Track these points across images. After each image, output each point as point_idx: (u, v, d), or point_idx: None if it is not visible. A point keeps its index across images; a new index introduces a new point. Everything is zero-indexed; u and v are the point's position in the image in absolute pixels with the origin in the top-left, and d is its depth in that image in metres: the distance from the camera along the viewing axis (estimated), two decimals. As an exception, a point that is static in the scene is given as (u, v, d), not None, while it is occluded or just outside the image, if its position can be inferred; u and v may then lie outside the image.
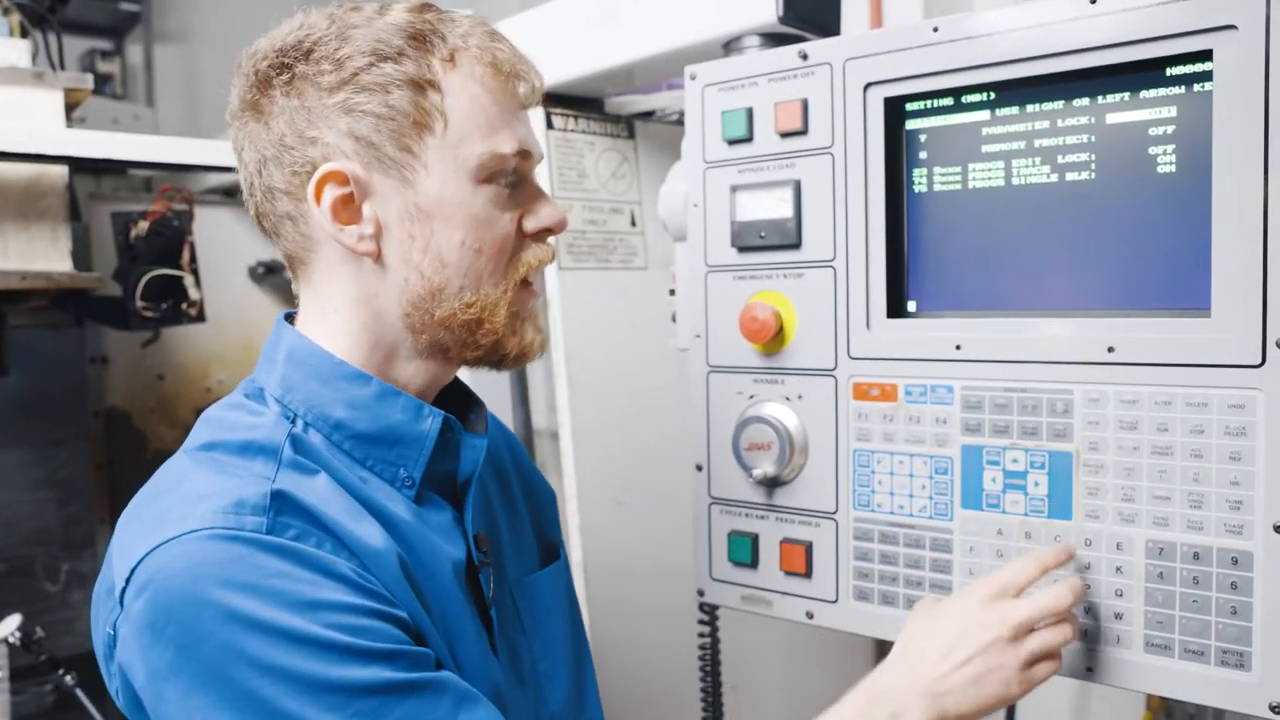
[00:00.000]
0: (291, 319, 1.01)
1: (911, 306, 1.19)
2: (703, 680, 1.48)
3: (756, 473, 1.25)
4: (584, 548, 1.63)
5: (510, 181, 0.96)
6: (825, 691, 0.99)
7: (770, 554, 1.28)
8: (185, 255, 2.10)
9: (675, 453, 1.62)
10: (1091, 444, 1.05)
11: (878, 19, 1.97)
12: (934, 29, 1.11)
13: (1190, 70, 1.00)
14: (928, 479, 1.16)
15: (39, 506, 2.42)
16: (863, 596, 1.21)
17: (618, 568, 1.66)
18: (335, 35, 0.91)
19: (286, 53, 0.92)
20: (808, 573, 1.25)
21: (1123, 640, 1.04)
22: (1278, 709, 0.96)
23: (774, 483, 1.26)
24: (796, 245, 1.23)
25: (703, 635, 1.46)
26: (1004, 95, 1.11)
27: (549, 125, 1.66)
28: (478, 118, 0.93)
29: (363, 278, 0.95)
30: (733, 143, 1.27)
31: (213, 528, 0.82)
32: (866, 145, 1.17)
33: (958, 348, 1.13)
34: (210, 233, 2.36)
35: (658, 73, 1.58)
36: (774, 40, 1.32)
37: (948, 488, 1.14)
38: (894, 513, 1.18)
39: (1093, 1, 1.01)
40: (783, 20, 1.29)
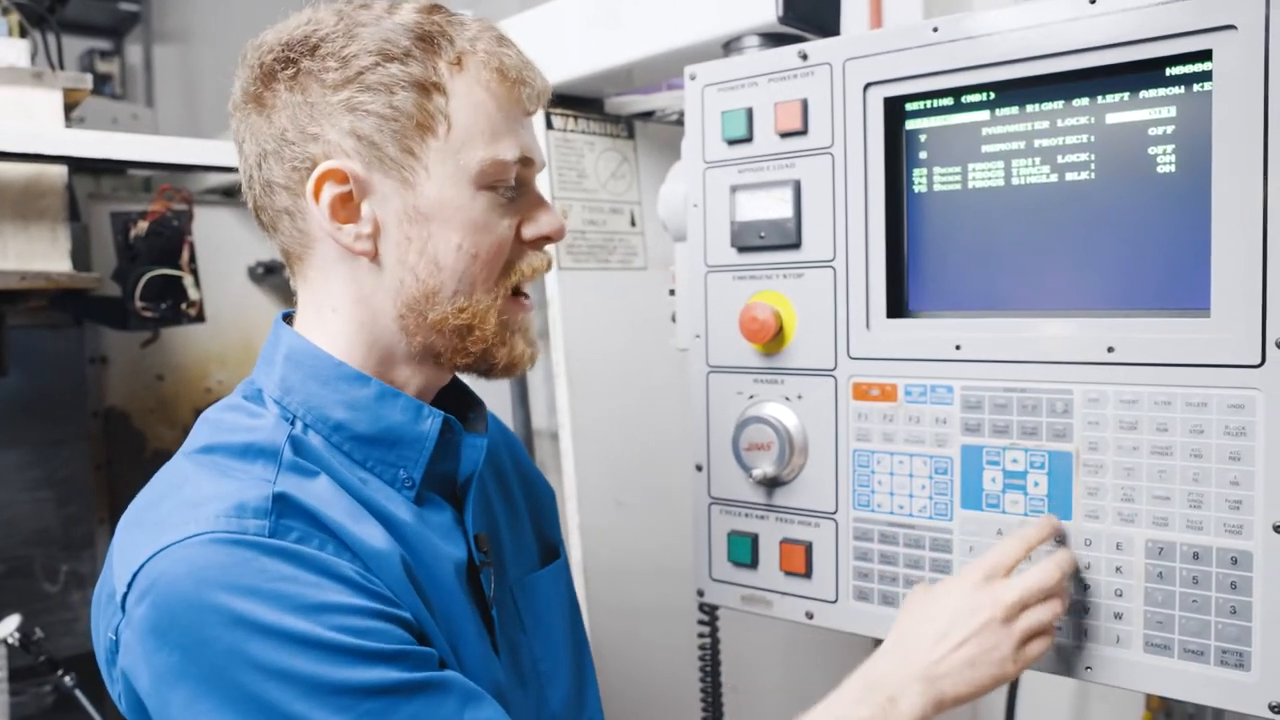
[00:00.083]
0: (289, 319, 1.01)
1: (911, 306, 1.19)
2: (702, 680, 1.48)
3: (756, 473, 1.25)
4: (584, 548, 1.63)
5: (511, 188, 0.95)
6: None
7: (770, 554, 1.28)
8: (184, 255, 2.10)
9: (675, 453, 1.62)
10: (1091, 444, 1.05)
11: (877, 19, 1.97)
12: (934, 29, 1.11)
13: (1190, 70, 1.00)
14: (927, 479, 1.16)
15: (38, 507, 2.42)
16: (862, 597, 1.21)
17: (617, 568, 1.66)
18: (343, 32, 0.91)
19: (293, 47, 0.91)
20: (807, 573, 1.25)
21: (1122, 640, 1.04)
22: (1277, 709, 0.96)
23: (774, 483, 1.26)
24: (796, 245, 1.23)
25: (702, 635, 1.46)
26: (1004, 95, 1.11)
27: (549, 125, 1.66)
28: (481, 123, 0.92)
29: (359, 277, 0.94)
30: (732, 143, 1.27)
31: (215, 531, 0.81)
32: (866, 145, 1.17)
33: (957, 348, 1.13)
34: (210, 233, 2.35)
35: (657, 73, 1.58)
36: (774, 40, 1.32)
37: (947, 488, 1.14)
38: (894, 513, 1.18)
39: (1092, 1, 1.01)
40: (782, 20, 1.29)
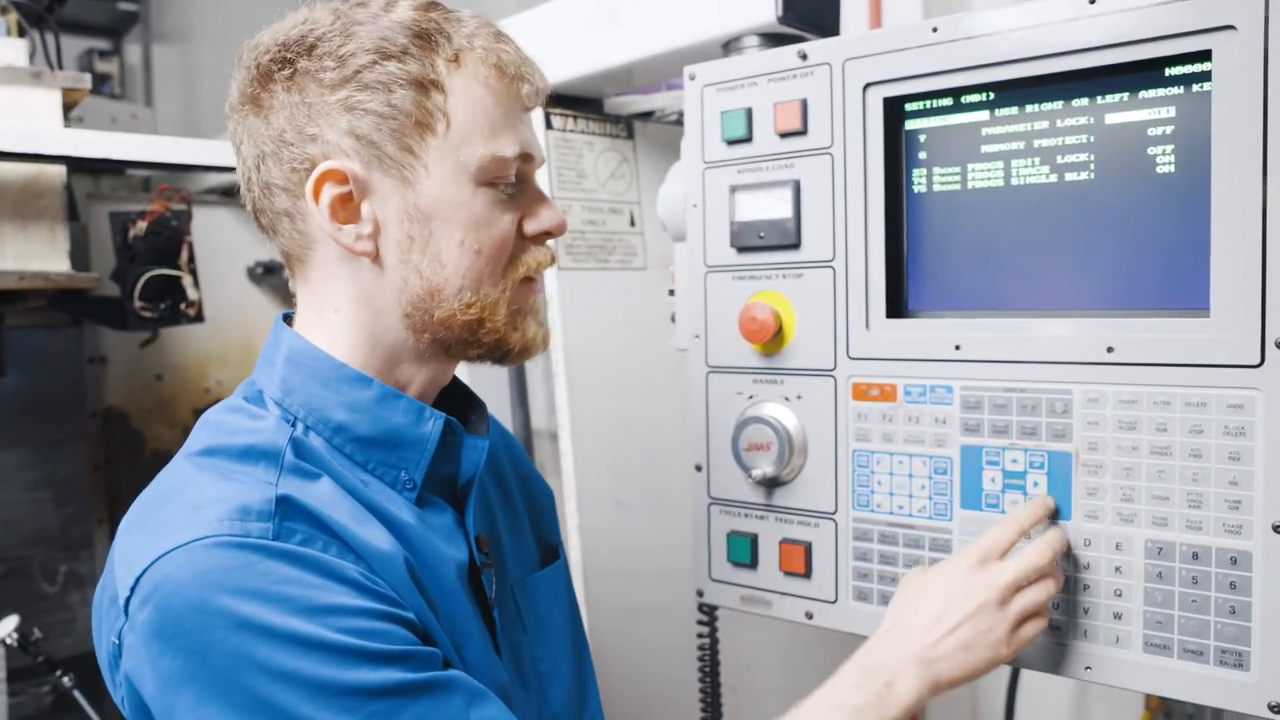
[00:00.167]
0: (289, 319, 1.00)
1: (911, 307, 1.19)
2: (702, 681, 1.48)
3: (756, 473, 1.25)
4: (583, 548, 1.63)
5: (511, 184, 0.95)
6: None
7: (769, 554, 1.28)
8: (184, 255, 2.10)
9: (674, 453, 1.62)
10: (1091, 444, 1.05)
11: (877, 19, 1.97)
12: (933, 29, 1.11)
13: (1189, 70, 1.00)
14: (927, 479, 1.16)
15: (37, 507, 2.42)
16: (862, 597, 1.21)
17: (617, 568, 1.66)
18: (339, 31, 0.90)
19: (289, 47, 0.91)
20: (807, 573, 1.25)
21: (1122, 640, 1.04)
22: (1277, 708, 0.96)
23: (773, 483, 1.26)
24: (796, 245, 1.23)
25: (702, 636, 1.45)
26: (1003, 95, 1.11)
27: (548, 125, 1.66)
28: (480, 120, 0.92)
29: (361, 277, 0.94)
30: (732, 143, 1.27)
31: (218, 535, 0.81)
32: (866, 145, 1.17)
33: (957, 348, 1.13)
34: (209, 233, 2.35)
35: (657, 73, 1.58)
36: (773, 40, 1.32)
37: (947, 488, 1.14)
38: (893, 513, 1.18)
39: (1092, 2, 1.01)
40: (782, 20, 1.29)
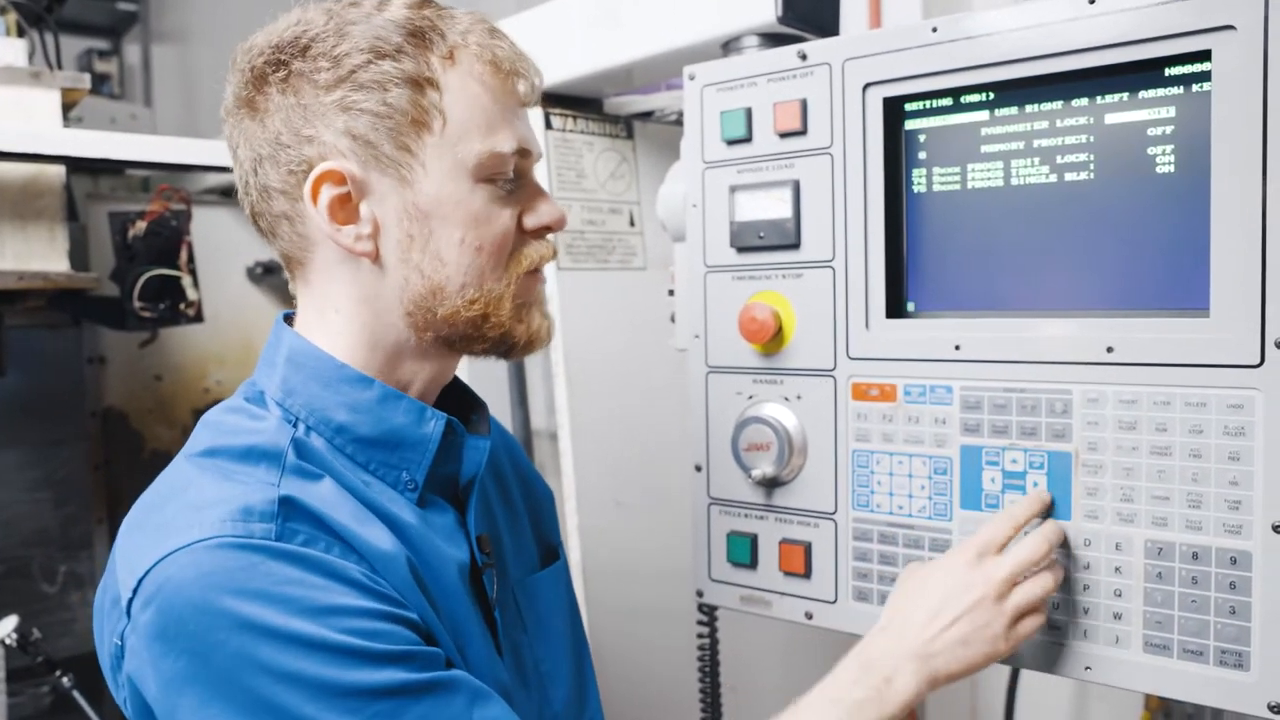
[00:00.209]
0: (290, 320, 1.00)
1: (910, 307, 1.19)
2: (701, 681, 1.48)
3: (755, 473, 1.25)
4: (583, 548, 1.63)
5: (509, 180, 0.95)
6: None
7: (769, 554, 1.28)
8: (183, 255, 2.09)
9: (674, 453, 1.62)
10: (1090, 444, 1.05)
11: (877, 19, 1.97)
12: (933, 29, 1.11)
13: (1189, 70, 1.00)
14: (927, 479, 1.16)
15: (36, 507, 2.41)
16: (862, 597, 1.21)
17: (617, 568, 1.66)
18: (333, 32, 0.90)
19: (283, 49, 0.91)
20: (807, 573, 1.25)
21: (1121, 640, 1.04)
22: (1276, 709, 0.96)
23: (773, 483, 1.26)
24: (795, 245, 1.23)
25: (701, 636, 1.45)
26: (1003, 95, 1.11)
27: (548, 125, 1.66)
28: (477, 116, 0.92)
29: (361, 278, 0.94)
30: (732, 143, 1.27)
31: (221, 536, 0.81)
32: (865, 145, 1.17)
33: (957, 348, 1.13)
34: (208, 233, 2.35)
35: (657, 73, 1.58)
36: (773, 40, 1.32)
37: (947, 488, 1.14)
38: (893, 513, 1.18)
39: (1091, 2, 1.01)
40: (782, 20, 1.29)
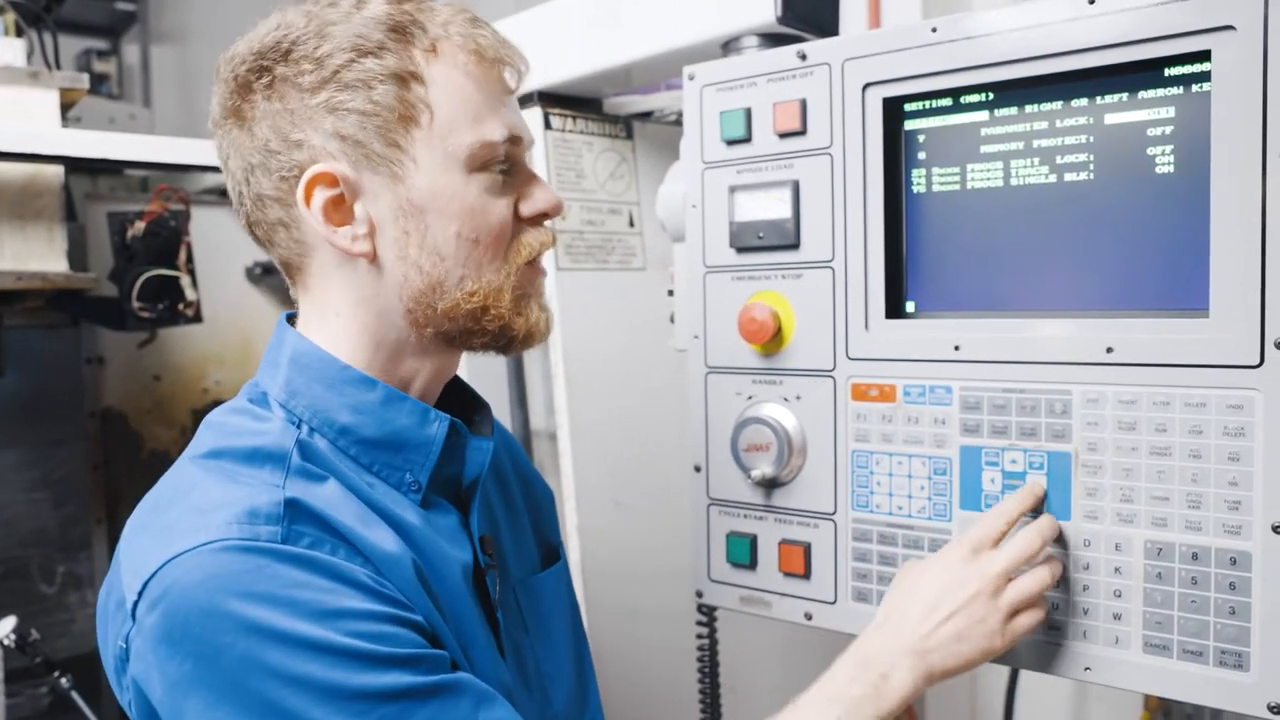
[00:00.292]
0: (293, 320, 1.00)
1: (910, 307, 1.19)
2: (701, 681, 1.47)
3: (755, 474, 1.25)
4: (582, 549, 1.63)
5: (502, 168, 0.95)
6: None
7: (769, 555, 1.28)
8: (182, 255, 2.09)
9: (674, 454, 1.62)
10: (1090, 444, 1.05)
11: (876, 19, 1.97)
12: (932, 29, 1.11)
13: (1189, 71, 1.00)
14: (926, 480, 1.15)
15: (35, 507, 2.41)
16: (861, 598, 1.21)
17: (616, 569, 1.66)
18: (314, 33, 0.90)
19: (265, 55, 0.90)
20: (806, 574, 1.24)
21: (1121, 640, 1.04)
22: (1276, 709, 0.96)
23: (772, 484, 1.26)
24: (795, 246, 1.23)
25: (701, 637, 1.45)
26: (1002, 96, 1.11)
27: (547, 125, 1.66)
28: (464, 107, 0.92)
29: (360, 279, 0.94)
30: (731, 143, 1.27)
31: (227, 539, 0.81)
32: (865, 146, 1.17)
33: (956, 348, 1.13)
34: (207, 233, 2.35)
35: (656, 73, 1.57)
36: (772, 40, 1.32)
37: (946, 488, 1.14)
38: (892, 514, 1.18)
39: (1091, 2, 1.01)
40: (781, 20, 1.29)
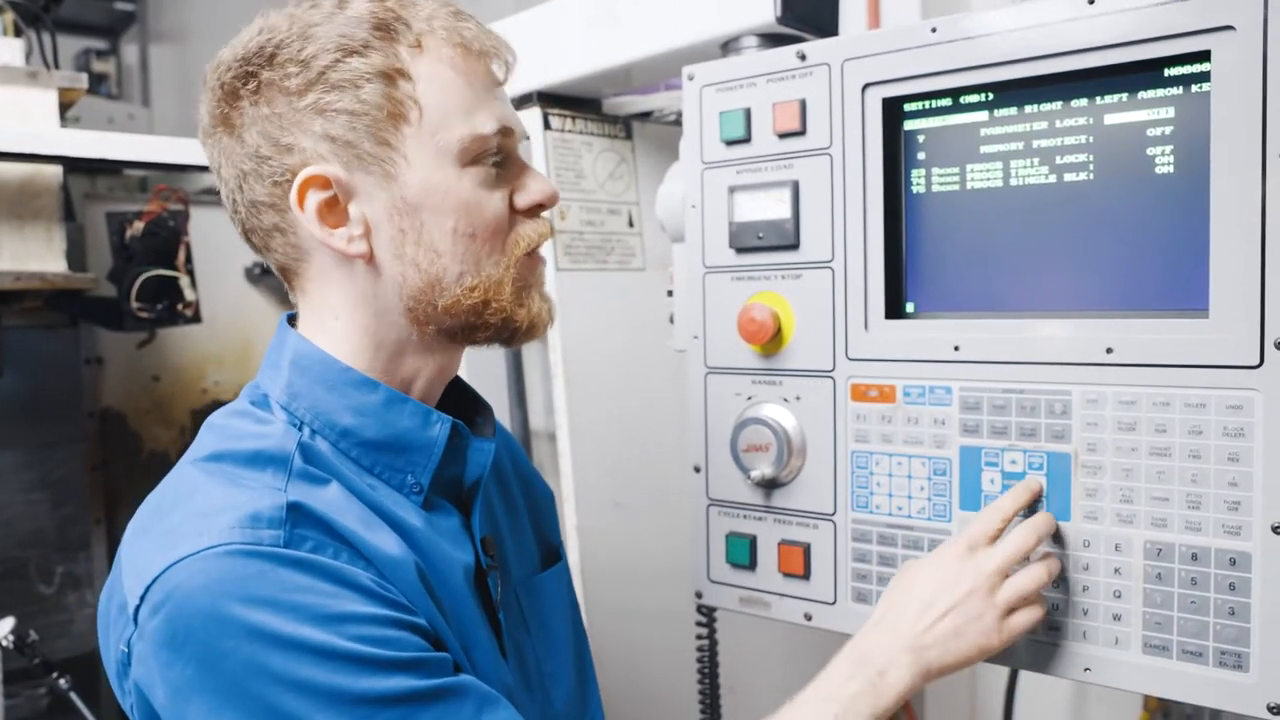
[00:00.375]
0: (294, 320, 1.00)
1: (910, 307, 1.19)
2: (700, 682, 1.47)
3: (755, 474, 1.24)
4: (582, 549, 1.62)
5: (495, 161, 0.94)
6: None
7: (768, 556, 1.28)
8: (181, 256, 2.09)
9: (673, 454, 1.62)
10: (1090, 445, 1.05)
11: (876, 19, 1.97)
12: (932, 29, 1.11)
13: (1188, 71, 1.00)
14: (926, 480, 1.15)
15: (33, 508, 2.41)
16: (861, 598, 1.21)
17: (616, 569, 1.66)
18: (298, 35, 0.89)
19: (250, 60, 0.90)
20: (806, 574, 1.24)
21: (1121, 641, 1.04)
22: (1276, 710, 0.96)
23: (772, 484, 1.26)
24: (795, 246, 1.22)
25: (701, 637, 1.45)
26: (1002, 96, 1.11)
27: (546, 125, 1.66)
28: (453, 101, 0.91)
29: (358, 280, 0.93)
30: (731, 143, 1.27)
31: (229, 543, 0.80)
32: (865, 146, 1.17)
33: (956, 349, 1.13)
34: (206, 233, 2.35)
35: (656, 73, 1.57)
36: (772, 41, 1.32)
37: (946, 489, 1.14)
38: (892, 514, 1.18)
39: (1091, 2, 1.01)
40: (781, 21, 1.29)
